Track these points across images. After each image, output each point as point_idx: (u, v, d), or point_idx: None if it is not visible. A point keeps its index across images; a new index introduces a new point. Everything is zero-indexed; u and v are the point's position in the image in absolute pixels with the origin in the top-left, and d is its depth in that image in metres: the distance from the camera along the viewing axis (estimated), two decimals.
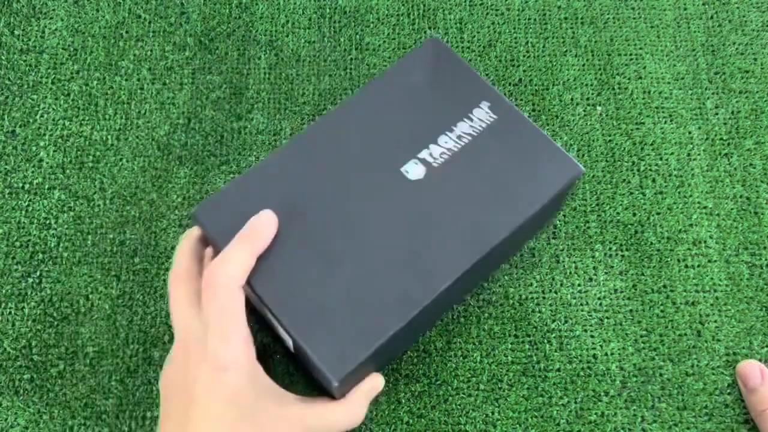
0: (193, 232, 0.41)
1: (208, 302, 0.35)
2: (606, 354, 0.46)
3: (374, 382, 0.40)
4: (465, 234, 0.39)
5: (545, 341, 0.46)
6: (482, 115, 0.42)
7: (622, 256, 0.49)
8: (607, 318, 0.47)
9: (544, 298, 0.47)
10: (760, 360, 0.46)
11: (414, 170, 0.41)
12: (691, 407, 0.45)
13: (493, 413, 0.45)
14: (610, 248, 0.49)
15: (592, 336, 0.46)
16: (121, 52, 0.54)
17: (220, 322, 0.35)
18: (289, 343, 0.39)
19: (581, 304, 0.47)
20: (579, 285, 0.48)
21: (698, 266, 0.48)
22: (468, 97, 0.42)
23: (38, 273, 0.48)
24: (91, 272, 0.48)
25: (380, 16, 0.56)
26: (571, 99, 0.53)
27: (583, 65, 0.55)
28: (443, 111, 0.42)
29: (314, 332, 0.36)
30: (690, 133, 0.52)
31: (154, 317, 0.46)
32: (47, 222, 0.49)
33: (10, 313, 0.47)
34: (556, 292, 0.47)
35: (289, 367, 0.45)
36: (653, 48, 0.55)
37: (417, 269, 0.38)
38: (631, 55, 0.55)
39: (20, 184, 0.50)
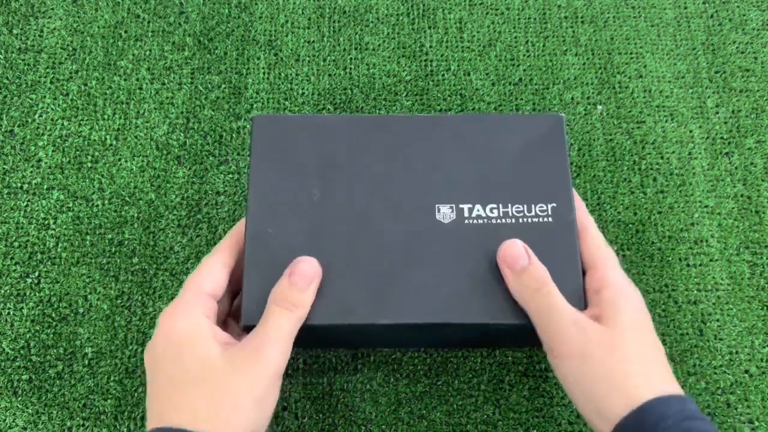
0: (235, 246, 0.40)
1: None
2: None
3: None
4: (427, 294, 0.38)
5: None
6: (542, 212, 0.39)
7: (624, 255, 0.48)
8: None
9: None
10: (760, 359, 0.46)
11: (445, 213, 0.39)
12: None
13: (494, 414, 0.44)
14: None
15: None
16: (120, 52, 0.54)
17: (185, 286, 0.38)
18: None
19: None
20: None
21: (700, 265, 0.48)
22: (544, 187, 0.40)
23: (37, 273, 0.47)
24: (89, 272, 0.47)
25: (380, 15, 0.56)
26: (572, 98, 0.53)
27: (584, 64, 0.54)
28: (513, 183, 0.40)
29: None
30: (691, 131, 0.52)
31: (153, 318, 0.46)
32: (46, 222, 0.49)
33: (8, 313, 0.46)
34: None
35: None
36: (654, 47, 0.55)
37: (379, 291, 0.38)
38: (631, 53, 0.55)
39: (19, 184, 0.50)
